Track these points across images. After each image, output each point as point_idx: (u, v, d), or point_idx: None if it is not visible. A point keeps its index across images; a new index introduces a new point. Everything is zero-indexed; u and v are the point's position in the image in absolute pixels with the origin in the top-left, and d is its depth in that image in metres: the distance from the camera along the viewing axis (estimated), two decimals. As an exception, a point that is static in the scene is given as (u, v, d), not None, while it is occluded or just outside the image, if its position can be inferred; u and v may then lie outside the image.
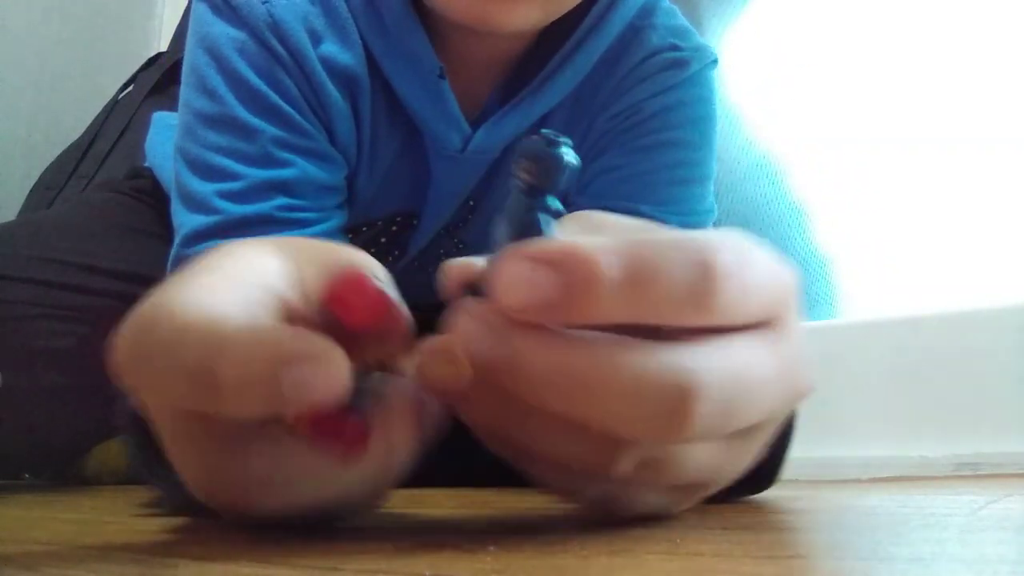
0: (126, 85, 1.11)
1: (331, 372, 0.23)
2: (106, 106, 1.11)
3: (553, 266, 0.22)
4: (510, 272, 0.22)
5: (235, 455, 0.25)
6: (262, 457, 0.25)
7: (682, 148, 0.62)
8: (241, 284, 0.26)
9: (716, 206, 0.64)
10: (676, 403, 0.22)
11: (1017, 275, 0.82)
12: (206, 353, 0.23)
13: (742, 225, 1.14)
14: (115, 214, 0.81)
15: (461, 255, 0.69)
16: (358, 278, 0.27)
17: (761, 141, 1.03)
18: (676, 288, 0.22)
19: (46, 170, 1.10)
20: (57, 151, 1.12)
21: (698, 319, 0.23)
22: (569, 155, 0.26)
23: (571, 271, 0.22)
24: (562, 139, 0.26)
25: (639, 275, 0.22)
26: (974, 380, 0.75)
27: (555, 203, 0.26)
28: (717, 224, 1.01)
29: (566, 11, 0.55)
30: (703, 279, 0.23)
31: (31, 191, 1.10)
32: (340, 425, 0.25)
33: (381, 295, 0.27)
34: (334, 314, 0.27)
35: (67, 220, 0.81)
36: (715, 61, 0.64)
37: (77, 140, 1.10)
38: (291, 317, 0.27)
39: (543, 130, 0.27)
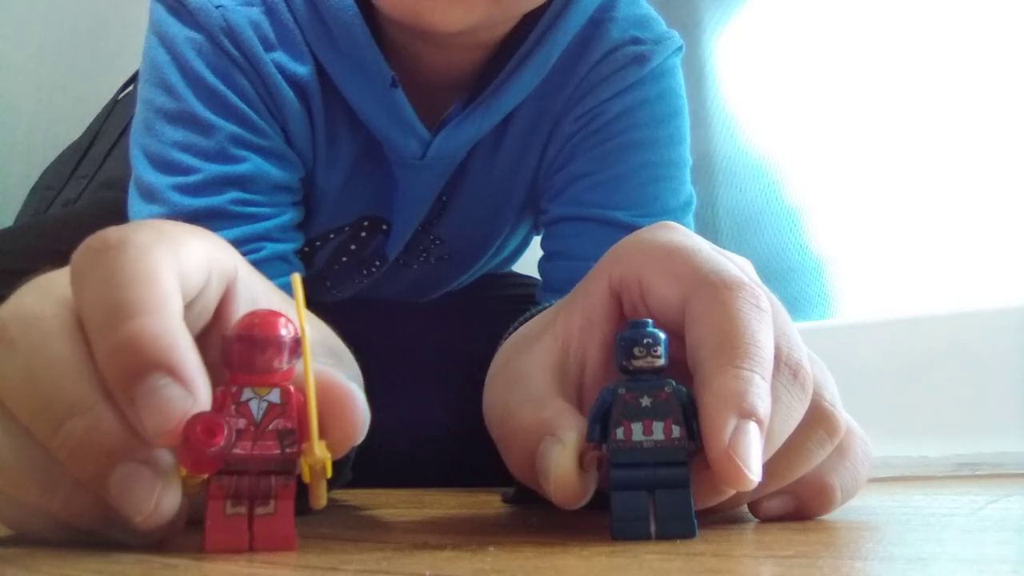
0: (126, 85, 1.11)
1: None
2: (106, 106, 1.11)
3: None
4: None
5: None
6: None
7: (650, 147, 0.60)
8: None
9: (695, 194, 0.62)
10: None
11: (1017, 275, 0.82)
12: None
13: (738, 227, 1.12)
14: None
15: (439, 250, 0.68)
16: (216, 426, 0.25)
17: (757, 143, 1.03)
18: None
19: (46, 170, 1.10)
20: (57, 151, 1.11)
21: None
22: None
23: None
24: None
25: None
26: (974, 380, 0.75)
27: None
28: (711, 223, 1.02)
29: (519, 12, 0.53)
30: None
31: (31, 192, 1.09)
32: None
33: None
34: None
35: (92, 217, 0.81)
36: (680, 48, 0.62)
37: (77, 140, 1.10)
38: None
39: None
